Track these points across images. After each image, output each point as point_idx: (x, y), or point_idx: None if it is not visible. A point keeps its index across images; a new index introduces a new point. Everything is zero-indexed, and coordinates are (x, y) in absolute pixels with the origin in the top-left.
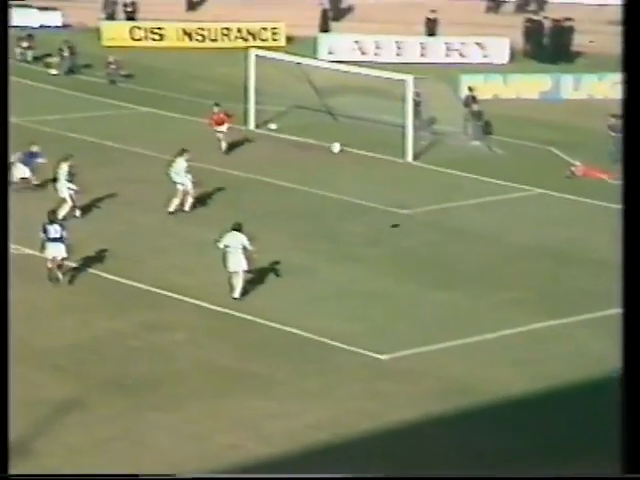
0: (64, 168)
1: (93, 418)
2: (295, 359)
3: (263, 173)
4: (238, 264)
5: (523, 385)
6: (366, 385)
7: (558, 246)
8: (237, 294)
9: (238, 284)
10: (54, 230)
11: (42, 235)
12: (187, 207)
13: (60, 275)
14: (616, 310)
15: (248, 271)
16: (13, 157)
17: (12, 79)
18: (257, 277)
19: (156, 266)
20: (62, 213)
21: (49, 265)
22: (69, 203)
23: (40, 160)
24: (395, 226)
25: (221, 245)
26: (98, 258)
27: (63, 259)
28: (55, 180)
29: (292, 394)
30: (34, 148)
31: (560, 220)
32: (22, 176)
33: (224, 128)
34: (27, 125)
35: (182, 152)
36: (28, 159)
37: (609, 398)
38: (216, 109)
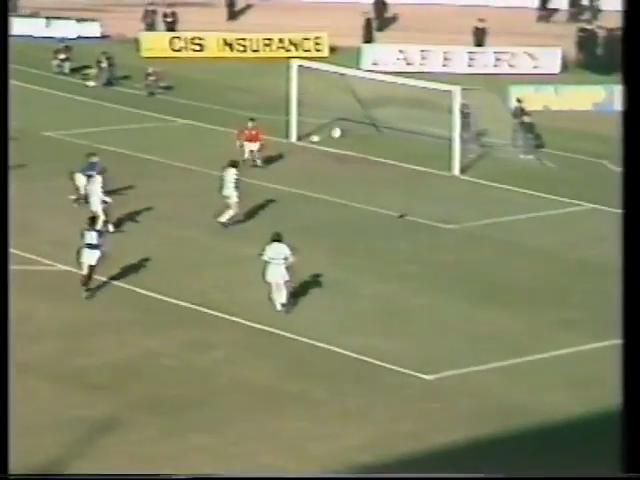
0: (98, 181)
1: (131, 439)
2: (337, 378)
3: (304, 187)
4: (279, 275)
5: (576, 407)
6: (410, 406)
7: (611, 263)
8: (283, 302)
9: (281, 296)
10: (90, 236)
11: (81, 240)
12: (224, 218)
13: (91, 282)
14: None
15: (283, 283)
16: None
17: (48, 92)
18: (297, 293)
19: (194, 282)
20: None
21: (83, 272)
22: (102, 217)
23: (99, 171)
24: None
25: (265, 257)
26: (135, 274)
27: (91, 267)
28: (88, 193)
29: (334, 414)
30: (94, 159)
31: (613, 237)
32: (83, 186)
33: (255, 146)
34: (63, 139)
35: (232, 164)
36: (89, 170)
37: None
38: (250, 124)
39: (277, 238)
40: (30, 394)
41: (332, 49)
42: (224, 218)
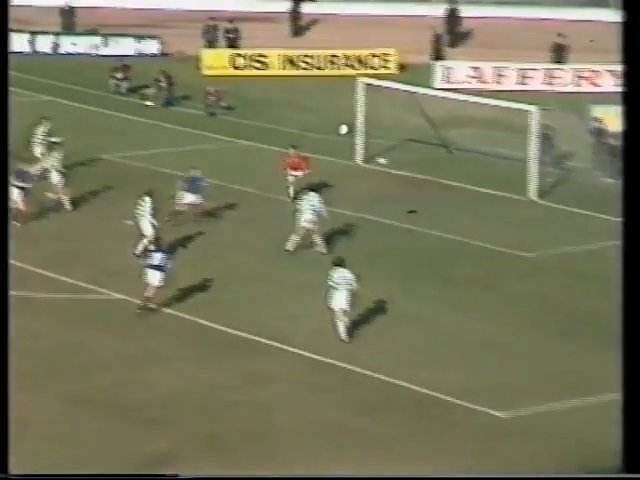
0: (147, 203)
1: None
2: (405, 415)
3: (370, 211)
4: (343, 302)
5: None
6: (484, 445)
7: None
8: (343, 335)
9: (343, 324)
10: (156, 258)
11: (145, 261)
12: (318, 243)
13: (151, 306)
14: None
15: (348, 310)
16: (177, 185)
17: (105, 113)
18: (362, 323)
19: (255, 312)
20: (140, 249)
21: (146, 293)
22: (150, 239)
23: (204, 184)
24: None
25: (330, 282)
26: (192, 303)
27: (155, 288)
28: (137, 216)
29: (402, 454)
30: (195, 172)
31: None
32: (189, 202)
33: (299, 173)
34: (120, 161)
35: (311, 188)
36: (192, 185)
37: None
38: (292, 151)
39: (339, 262)
40: (82, 428)
41: (401, 66)
42: (293, 243)
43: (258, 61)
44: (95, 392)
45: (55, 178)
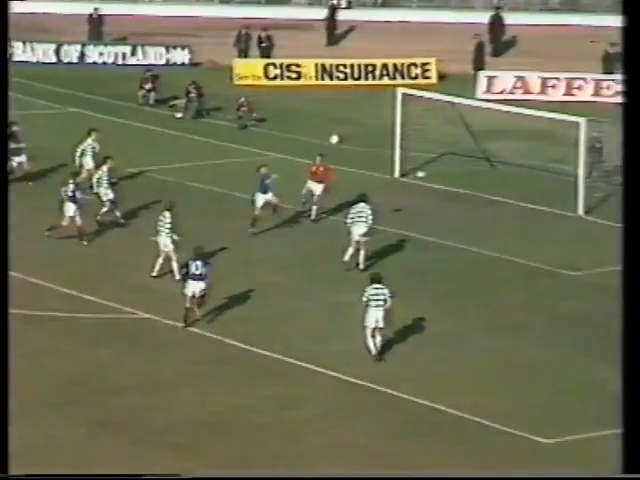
0: (167, 218)
1: None
2: (445, 441)
3: (408, 227)
4: (376, 319)
5: None
6: (526, 473)
7: None
8: (374, 352)
9: (375, 341)
10: (195, 266)
11: (184, 270)
12: (361, 261)
13: (197, 313)
14: None
15: (382, 327)
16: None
17: (133, 125)
18: (400, 344)
19: (286, 332)
20: (157, 268)
21: (187, 305)
22: (173, 257)
23: (272, 181)
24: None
25: (364, 298)
26: (220, 322)
27: (202, 296)
28: (158, 232)
29: None
30: (264, 170)
31: None
32: (265, 202)
33: (319, 188)
34: (149, 175)
35: (363, 198)
36: (263, 185)
37: None
38: (318, 159)
39: (377, 278)
40: (108, 452)
41: (441, 76)
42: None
43: (292, 71)
44: (120, 415)
45: (103, 192)
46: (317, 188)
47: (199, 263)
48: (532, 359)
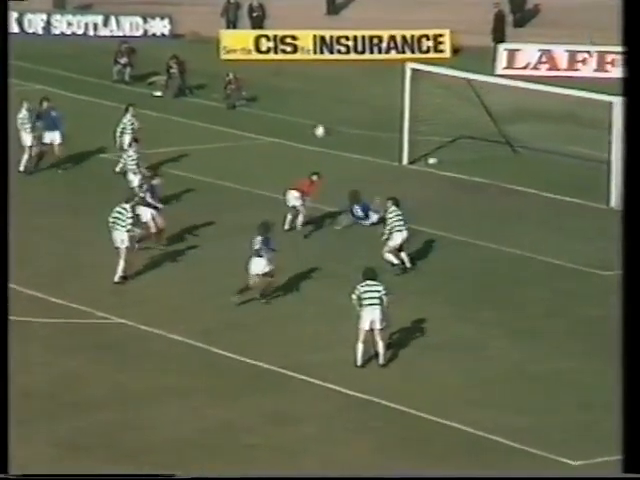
0: (128, 211)
1: None
2: (458, 462)
3: (417, 220)
4: (370, 321)
5: None
6: None
7: None
8: (381, 360)
9: (378, 348)
10: (257, 243)
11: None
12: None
13: (267, 292)
14: None
15: (379, 329)
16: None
17: (106, 104)
18: (407, 353)
19: (280, 339)
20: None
21: (249, 282)
22: (122, 255)
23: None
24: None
25: (353, 297)
26: (208, 329)
27: (265, 274)
28: (113, 226)
29: None
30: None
31: None
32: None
33: (300, 201)
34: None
35: (396, 201)
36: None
37: None
38: (315, 178)
39: (370, 274)
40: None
41: (456, 49)
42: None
43: (287, 43)
44: (92, 434)
45: (133, 179)
46: (296, 202)
47: (259, 239)
48: (556, 370)
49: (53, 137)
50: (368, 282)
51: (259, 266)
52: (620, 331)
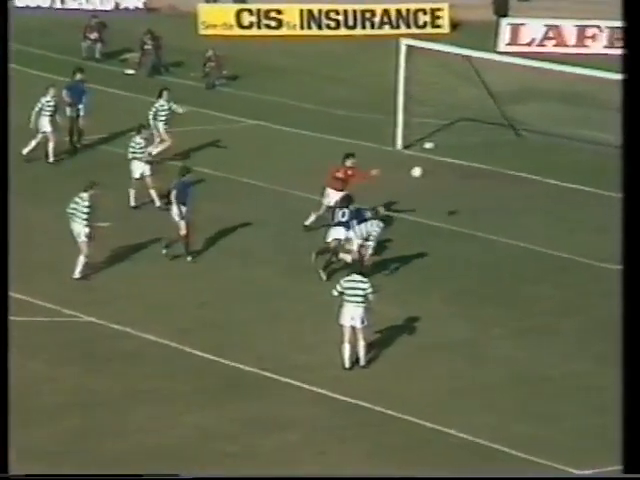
0: (84, 201)
1: None
2: (457, 471)
3: (414, 211)
4: (356, 318)
5: None
6: None
7: None
8: (362, 361)
9: (359, 347)
10: (342, 214)
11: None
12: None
13: (347, 257)
14: None
15: (359, 327)
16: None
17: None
18: (403, 355)
19: (263, 339)
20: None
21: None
22: (84, 249)
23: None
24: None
25: (335, 292)
26: (185, 328)
27: (334, 243)
28: (71, 217)
29: None
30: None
31: None
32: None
33: (335, 197)
34: (93, 146)
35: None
36: None
37: None
38: (349, 162)
39: (357, 269)
40: None
41: (455, 24)
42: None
43: (272, 18)
44: (58, 441)
45: (136, 168)
46: (335, 197)
47: (346, 211)
48: (564, 372)
49: (78, 109)
50: (354, 277)
51: (340, 234)
52: (620, 331)
